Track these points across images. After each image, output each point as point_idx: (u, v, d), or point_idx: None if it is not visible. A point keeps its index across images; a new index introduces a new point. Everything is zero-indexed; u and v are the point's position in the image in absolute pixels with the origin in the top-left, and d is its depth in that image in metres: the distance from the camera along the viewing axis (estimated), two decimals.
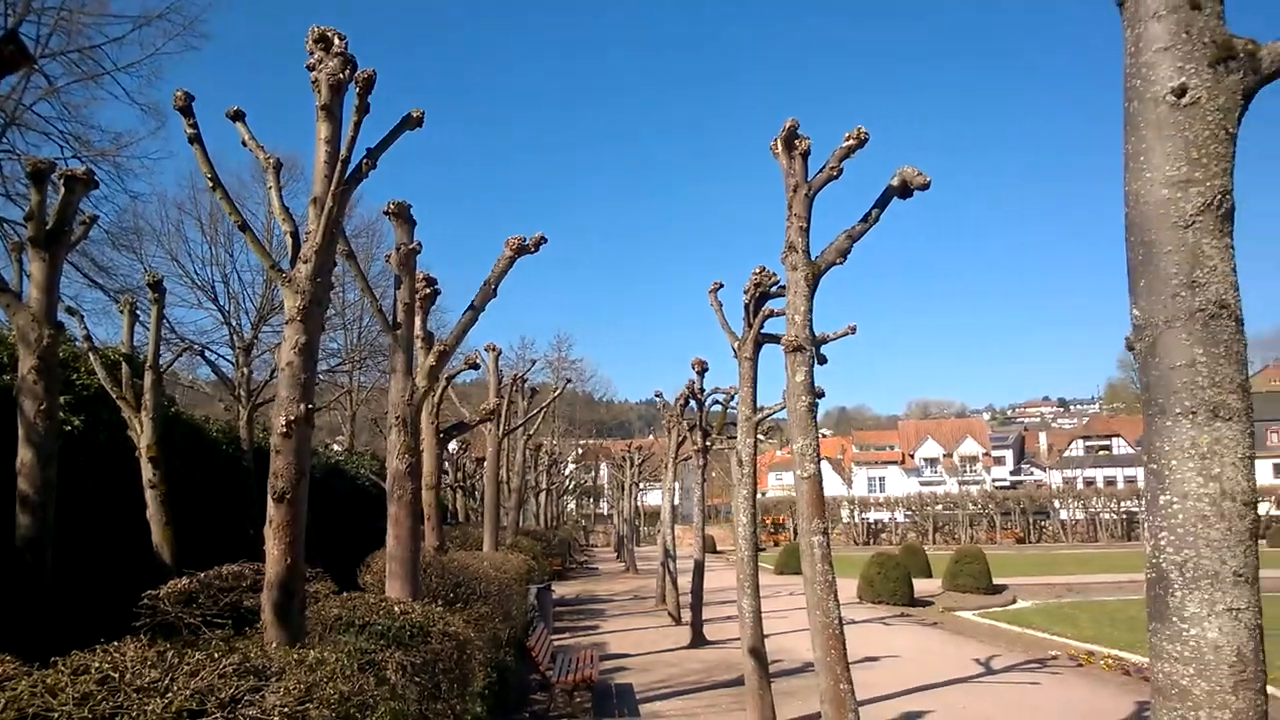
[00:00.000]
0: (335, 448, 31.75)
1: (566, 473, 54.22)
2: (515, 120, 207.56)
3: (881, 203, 6.08)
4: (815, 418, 6.27)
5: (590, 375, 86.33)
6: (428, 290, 8.82)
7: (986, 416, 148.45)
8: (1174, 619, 2.21)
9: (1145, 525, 2.31)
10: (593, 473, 71.15)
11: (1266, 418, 78.90)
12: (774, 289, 8.10)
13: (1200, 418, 2.13)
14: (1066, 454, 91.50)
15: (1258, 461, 68.78)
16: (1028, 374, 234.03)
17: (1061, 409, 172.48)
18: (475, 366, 12.73)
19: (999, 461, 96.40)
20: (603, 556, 46.81)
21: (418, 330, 8.38)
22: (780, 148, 6.17)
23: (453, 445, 26.09)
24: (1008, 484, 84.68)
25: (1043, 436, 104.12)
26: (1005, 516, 57.75)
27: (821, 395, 6.98)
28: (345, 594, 6.76)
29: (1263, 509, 58.39)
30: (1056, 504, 58.89)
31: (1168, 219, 2.12)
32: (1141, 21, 2.17)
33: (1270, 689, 7.84)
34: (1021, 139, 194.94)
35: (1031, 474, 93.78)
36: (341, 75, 5.19)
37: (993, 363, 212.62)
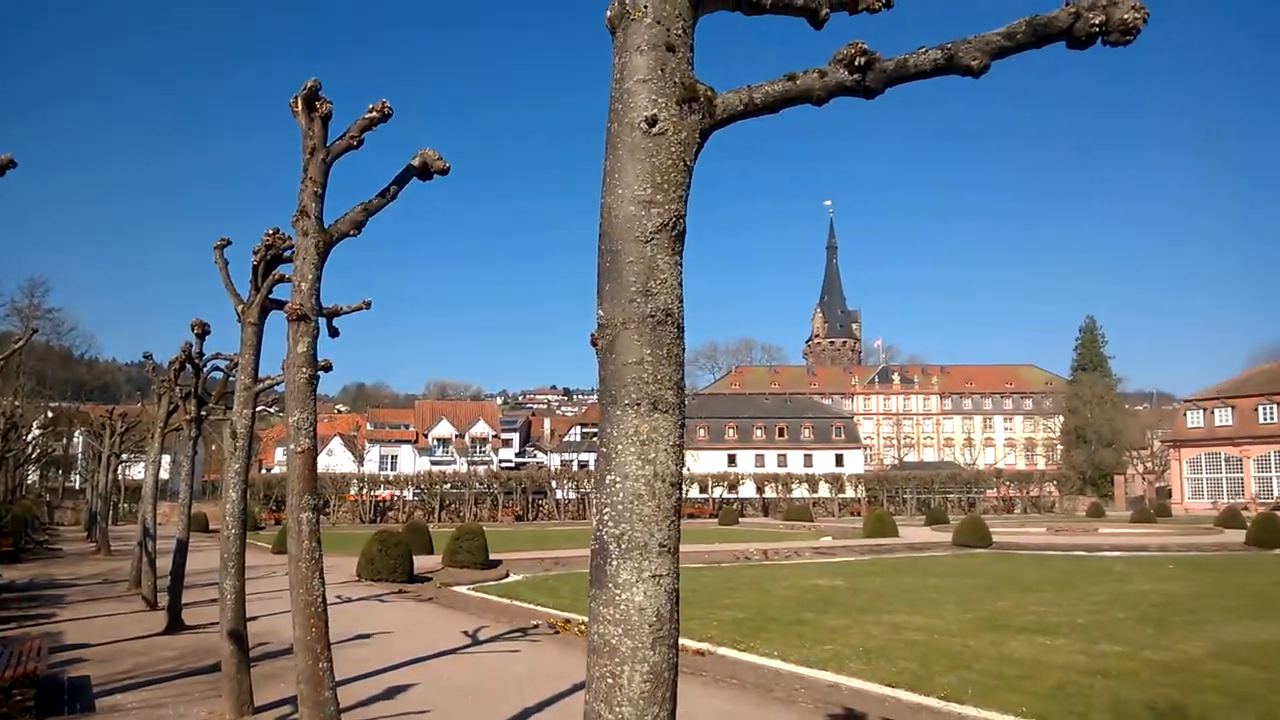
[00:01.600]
0: None
1: (29, 439, 46.10)
2: None
3: (400, 180, 6.07)
4: (315, 391, 6.03)
5: (69, 328, 74.46)
6: None
7: (500, 401, 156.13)
8: (610, 585, 2.46)
9: (594, 503, 2.58)
10: (65, 440, 61.60)
11: (729, 415, 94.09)
12: (287, 253, 7.65)
13: (643, 409, 2.42)
14: (566, 439, 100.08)
15: (717, 452, 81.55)
16: (538, 364, 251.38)
17: (565, 397, 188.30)
18: None
19: (507, 444, 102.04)
20: (71, 536, 40.55)
21: None
22: (300, 106, 5.85)
23: None
24: (513, 465, 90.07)
25: (547, 422, 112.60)
26: (508, 495, 61.28)
27: (326, 368, 6.74)
28: None
29: (717, 493, 69.57)
30: (554, 484, 63.98)
31: (632, 233, 2.39)
32: (628, 52, 2.42)
33: (683, 641, 9.30)
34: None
35: (535, 456, 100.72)
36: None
37: (509, 352, 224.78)
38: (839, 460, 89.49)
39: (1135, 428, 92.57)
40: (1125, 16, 2.19)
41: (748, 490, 71.75)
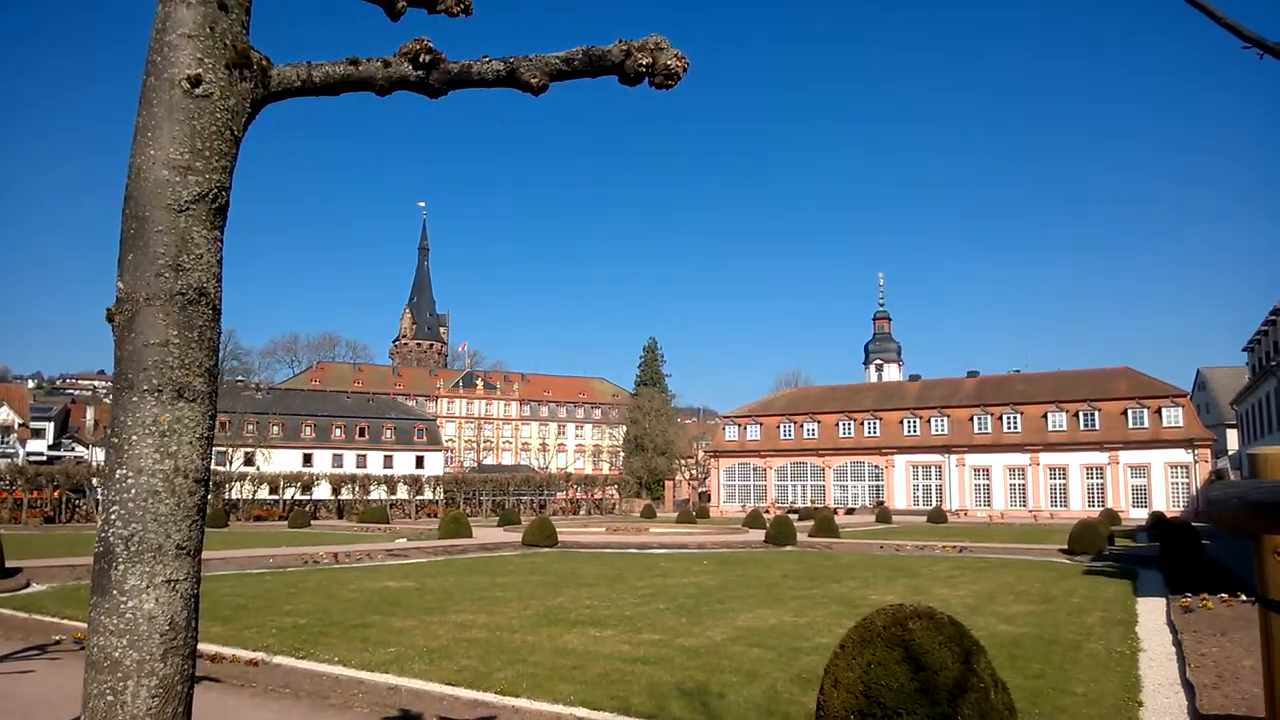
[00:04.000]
0: None
1: None
2: None
3: None
4: None
5: None
6: None
7: (33, 384, 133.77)
8: (114, 592, 2.20)
9: (101, 501, 2.28)
10: None
11: (307, 413, 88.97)
12: None
13: (166, 396, 2.19)
14: None
15: (293, 451, 76.72)
16: (84, 345, 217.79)
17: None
18: None
19: (38, 434, 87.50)
20: None
21: None
22: None
23: None
24: (45, 459, 77.36)
25: (90, 411, 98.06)
26: (37, 493, 52.38)
27: None
28: None
29: (290, 493, 65.42)
30: (95, 482, 55.82)
31: (164, 200, 2.16)
32: (173, 3, 2.18)
33: (235, 651, 8.62)
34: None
35: (74, 449, 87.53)
36: None
37: (46, 328, 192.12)
38: (420, 462, 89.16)
39: (684, 438, 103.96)
40: (669, 63, 2.44)
41: (323, 491, 68.58)
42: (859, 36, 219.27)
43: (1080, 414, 68.03)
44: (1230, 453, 75.36)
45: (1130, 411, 66.16)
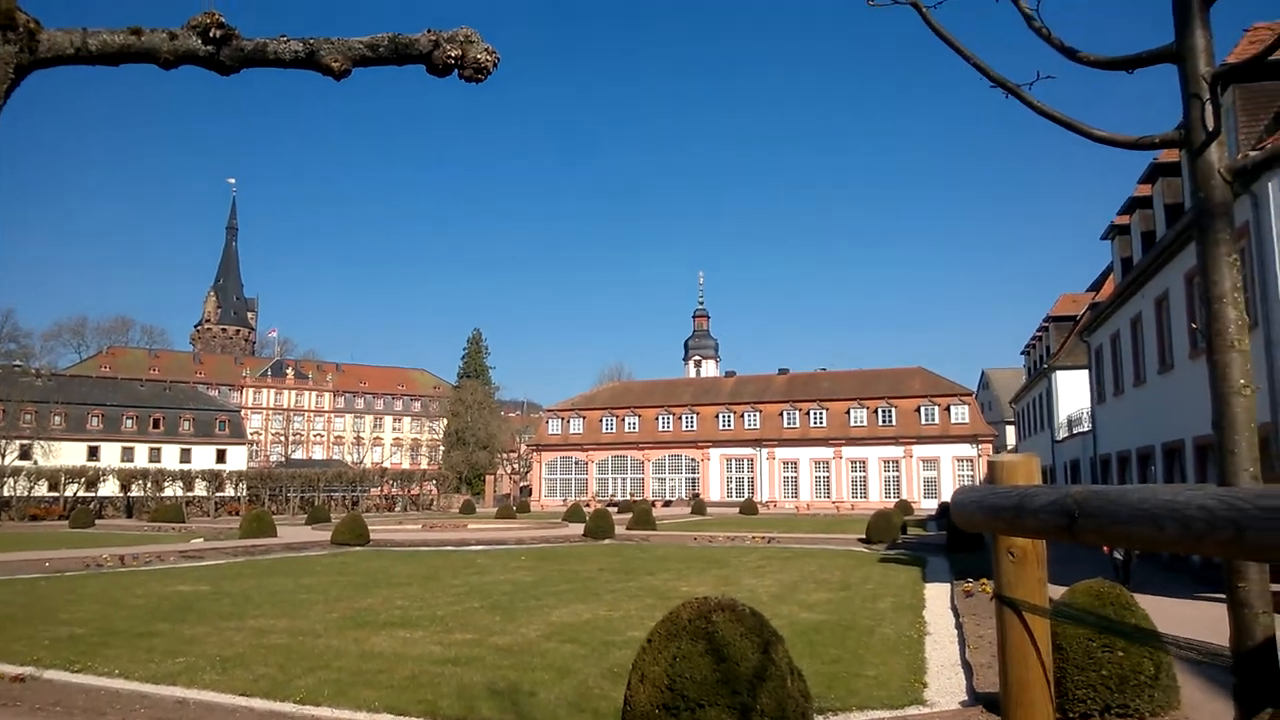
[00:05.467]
0: None
1: None
2: None
3: None
4: None
5: None
6: None
7: None
8: None
9: None
10: None
11: (94, 401, 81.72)
12: None
13: None
14: None
15: (77, 444, 70.30)
16: None
17: None
18: None
19: None
20: None
21: None
22: None
23: None
24: None
25: None
26: None
27: None
28: None
29: (72, 490, 59.81)
30: None
31: None
32: None
33: (0, 667, 7.78)
34: None
35: None
36: None
37: None
38: (221, 456, 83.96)
39: (507, 432, 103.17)
40: (479, 56, 2.40)
41: (110, 488, 63.23)
42: (675, 33, 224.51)
43: (879, 410, 72.72)
44: (1009, 447, 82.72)
45: (923, 408, 71.37)
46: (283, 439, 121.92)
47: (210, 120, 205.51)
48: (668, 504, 71.84)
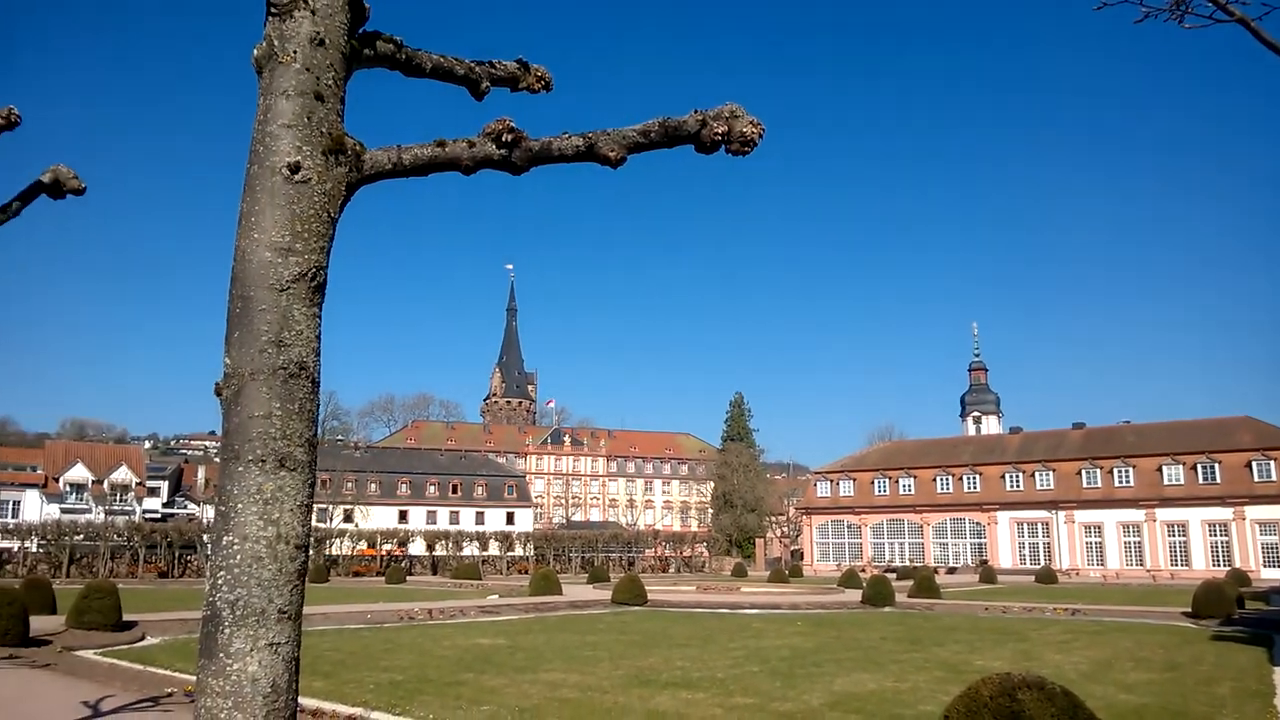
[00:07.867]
0: None
1: None
2: None
3: (25, 196, 5.37)
4: None
5: None
6: None
7: (148, 445, 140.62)
8: (221, 655, 2.28)
9: (209, 566, 2.38)
10: None
11: (403, 470, 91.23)
12: None
13: (269, 466, 2.29)
14: None
15: (389, 508, 78.15)
16: (195, 407, 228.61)
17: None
18: None
19: (154, 492, 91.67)
20: None
21: None
22: None
23: None
24: (159, 516, 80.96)
25: (201, 470, 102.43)
26: (152, 549, 54.95)
27: None
28: None
29: (386, 549, 66.88)
30: (205, 538, 58.15)
31: (267, 280, 2.29)
32: (274, 95, 2.34)
33: (335, 707, 8.75)
34: None
35: (186, 507, 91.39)
36: None
37: (161, 392, 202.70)
38: (510, 518, 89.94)
39: (774, 495, 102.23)
40: (745, 130, 2.49)
41: (418, 548, 69.85)
42: (955, 78, 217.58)
43: (1199, 466, 64.43)
44: None
45: (1255, 463, 62.29)
46: (563, 502, 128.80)
47: (490, 210, 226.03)
48: (951, 570, 67.60)
